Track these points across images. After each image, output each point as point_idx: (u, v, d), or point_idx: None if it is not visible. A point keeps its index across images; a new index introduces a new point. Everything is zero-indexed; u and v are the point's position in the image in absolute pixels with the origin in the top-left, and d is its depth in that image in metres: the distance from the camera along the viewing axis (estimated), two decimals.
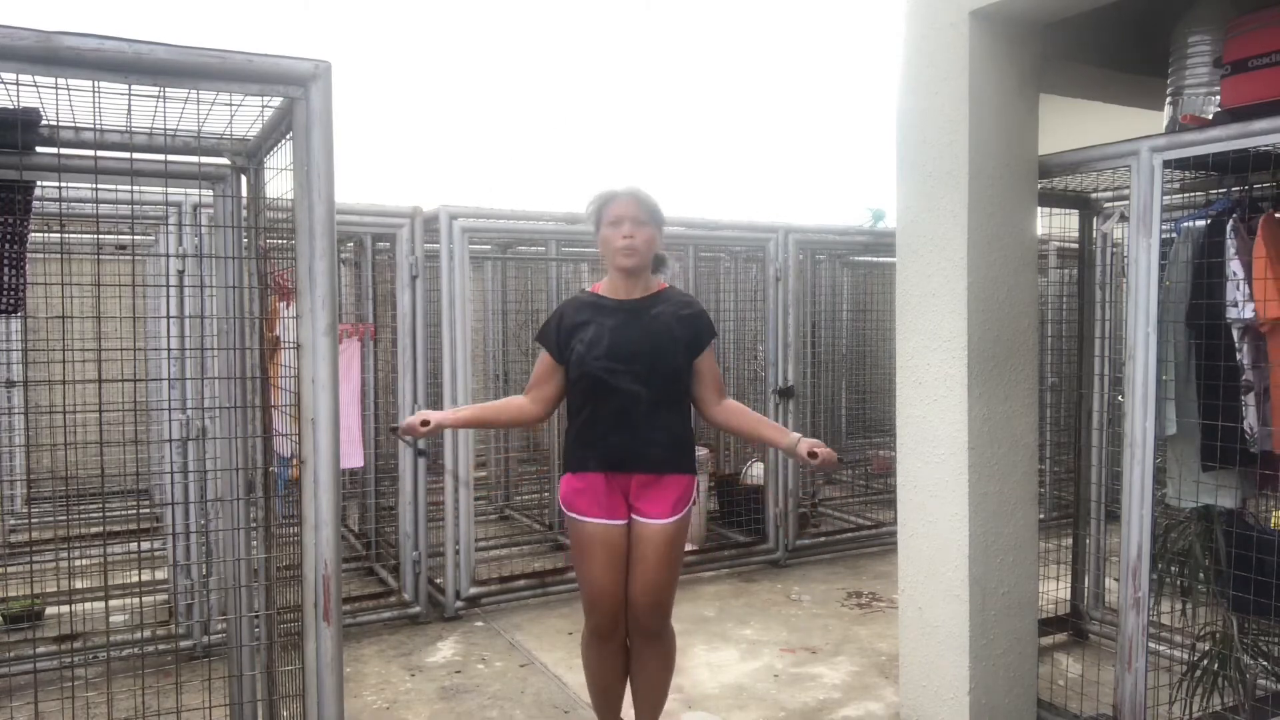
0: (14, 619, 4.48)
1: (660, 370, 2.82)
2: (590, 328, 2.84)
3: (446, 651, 4.45)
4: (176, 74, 1.94)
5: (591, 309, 2.89)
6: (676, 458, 2.87)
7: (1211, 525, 3.17)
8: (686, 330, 2.87)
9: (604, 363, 2.79)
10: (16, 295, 2.55)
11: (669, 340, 2.84)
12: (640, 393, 2.80)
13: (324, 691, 2.14)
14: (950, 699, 3.26)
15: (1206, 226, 3.04)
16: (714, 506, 6.50)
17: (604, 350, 2.79)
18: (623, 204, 2.81)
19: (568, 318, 2.90)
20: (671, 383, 2.86)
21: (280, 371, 2.52)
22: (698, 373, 2.91)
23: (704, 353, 2.91)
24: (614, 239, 2.81)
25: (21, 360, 5.91)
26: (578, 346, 2.83)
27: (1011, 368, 3.24)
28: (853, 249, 7.01)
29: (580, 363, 2.83)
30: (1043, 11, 3.11)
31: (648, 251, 2.84)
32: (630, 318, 2.85)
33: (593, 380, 2.81)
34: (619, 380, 2.79)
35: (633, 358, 2.80)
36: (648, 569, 2.85)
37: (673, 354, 2.84)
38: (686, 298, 2.99)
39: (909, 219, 3.36)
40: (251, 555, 2.78)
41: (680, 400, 2.92)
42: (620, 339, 2.81)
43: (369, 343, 5.26)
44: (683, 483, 2.88)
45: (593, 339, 2.82)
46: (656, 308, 2.89)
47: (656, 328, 2.84)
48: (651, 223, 2.83)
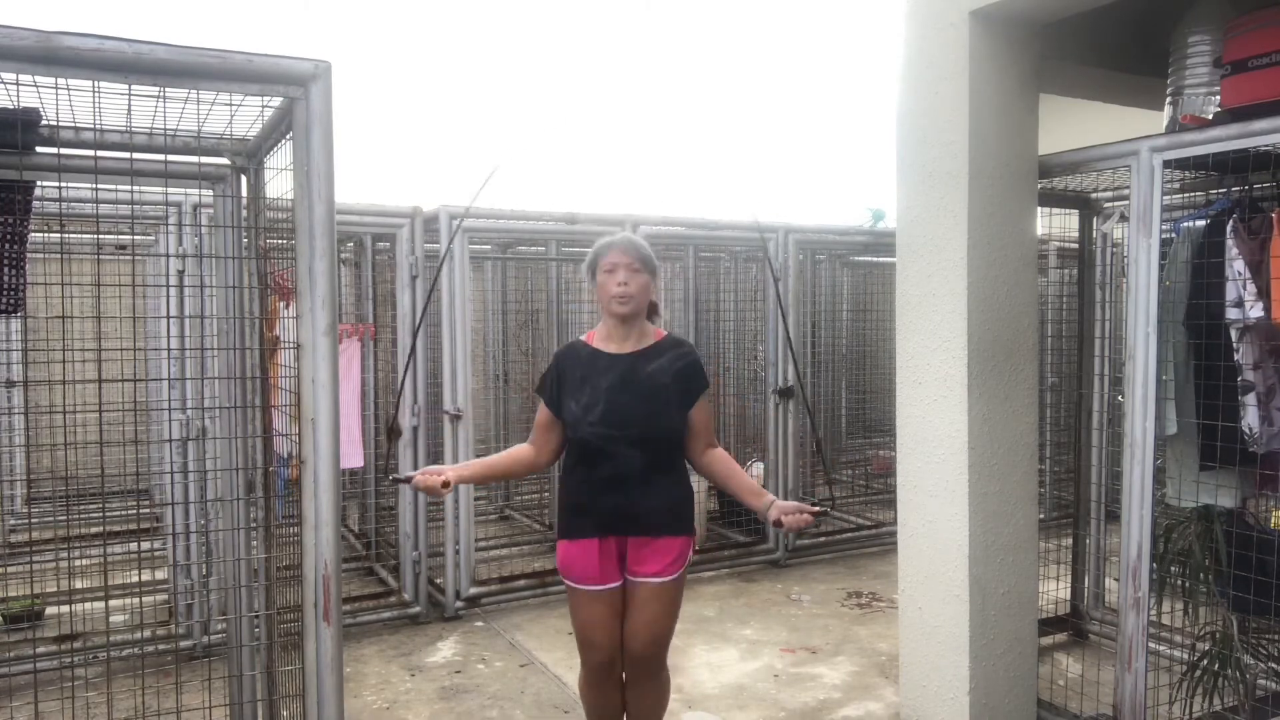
0: (14, 619, 4.48)
1: (655, 434, 2.80)
2: (585, 390, 2.81)
3: (446, 651, 4.45)
4: (176, 74, 1.94)
5: (586, 365, 2.85)
6: (672, 521, 2.85)
7: (1211, 525, 3.17)
8: (681, 383, 2.84)
9: (598, 429, 2.77)
10: (16, 295, 2.55)
11: (663, 402, 2.81)
12: (635, 456, 2.77)
13: (324, 691, 2.14)
14: (950, 699, 3.26)
15: (1206, 226, 3.04)
16: (714, 506, 6.50)
17: (598, 416, 2.77)
18: (617, 253, 2.82)
19: (565, 374, 2.87)
20: (666, 445, 2.84)
21: (280, 371, 2.51)
22: (689, 421, 2.88)
23: (697, 403, 2.90)
24: (609, 286, 2.80)
25: (21, 360, 5.91)
26: (572, 407, 2.81)
27: (1011, 368, 3.24)
28: (853, 249, 7.02)
29: (575, 426, 2.81)
30: (1043, 11, 3.11)
31: (642, 298, 2.84)
32: (625, 376, 2.81)
33: (585, 445, 2.80)
34: (613, 447, 2.77)
35: (627, 423, 2.77)
36: (643, 622, 2.83)
37: (668, 416, 2.82)
38: (682, 347, 2.93)
39: (909, 219, 3.36)
40: (251, 555, 2.78)
41: (676, 461, 2.90)
42: (614, 405, 2.77)
43: (369, 343, 5.26)
44: (679, 544, 2.86)
45: (588, 403, 2.79)
46: (652, 363, 2.85)
47: (652, 387, 2.80)
48: (645, 270, 2.83)
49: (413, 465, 4.80)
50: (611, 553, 2.83)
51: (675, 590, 2.87)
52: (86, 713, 3.35)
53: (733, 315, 6.83)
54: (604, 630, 2.85)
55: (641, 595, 2.83)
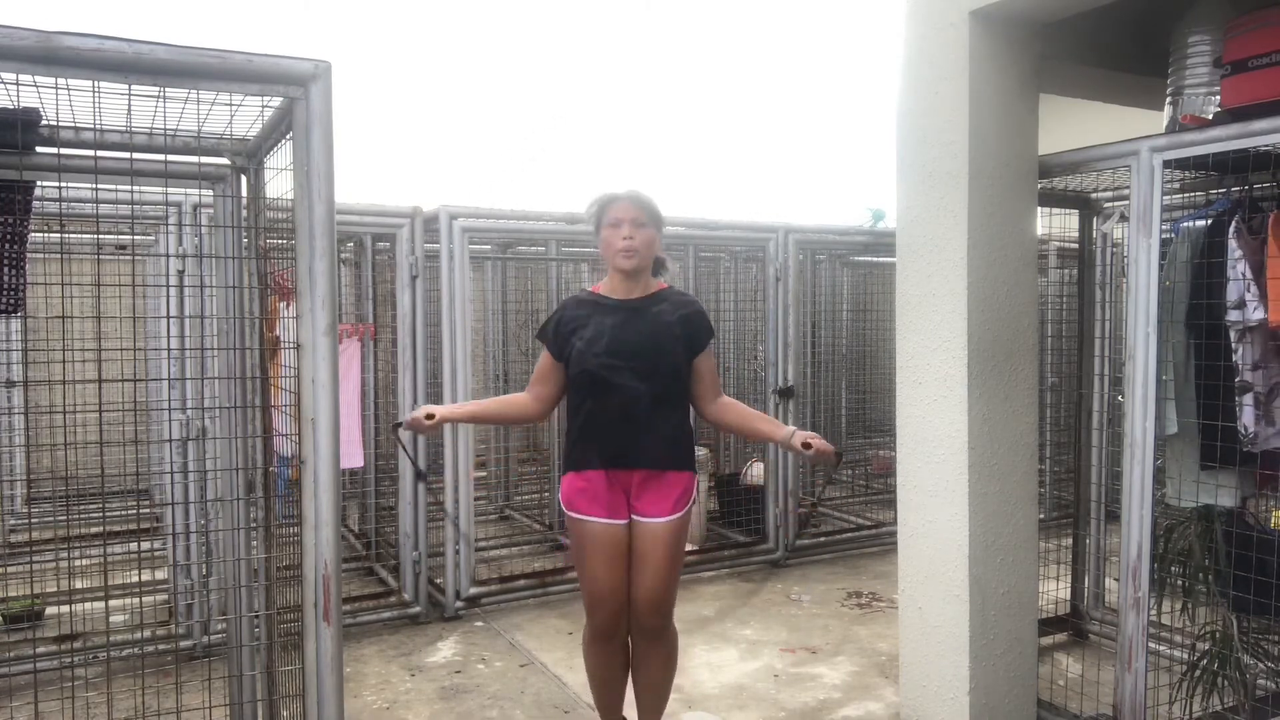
0: (14, 619, 4.48)
1: (660, 367, 2.83)
2: (590, 326, 2.85)
3: (446, 651, 4.45)
4: (176, 74, 1.94)
5: (591, 307, 2.91)
6: (677, 454, 2.89)
7: (1211, 525, 3.17)
8: (686, 329, 2.88)
9: (604, 359, 2.80)
10: (16, 295, 2.55)
11: (669, 338, 2.85)
12: (640, 389, 2.81)
13: (324, 691, 2.14)
14: (950, 699, 3.26)
15: (1207, 227, 3.04)
16: (714, 506, 6.50)
17: (604, 347, 2.81)
18: (622, 206, 2.83)
19: (567, 315, 2.91)
20: (672, 380, 2.87)
21: (280, 371, 2.51)
22: (696, 371, 2.92)
23: (703, 352, 2.92)
24: (614, 240, 2.83)
25: (21, 360, 5.90)
26: (577, 344, 2.84)
27: (1011, 368, 3.24)
28: (853, 249, 7.01)
29: (580, 360, 2.84)
30: (1043, 11, 3.11)
31: (647, 253, 2.85)
32: (630, 316, 2.87)
33: (592, 377, 2.83)
34: (619, 377, 2.80)
35: (633, 355, 2.81)
36: (649, 568, 2.85)
37: (673, 352, 2.85)
38: (686, 297, 3.01)
39: (909, 219, 3.36)
40: (251, 555, 2.78)
41: (680, 398, 2.93)
42: (620, 336, 2.82)
43: (369, 343, 5.26)
44: (683, 480, 2.89)
45: (592, 336, 2.83)
46: (657, 306, 2.91)
47: (657, 326, 2.86)
48: (651, 224, 2.85)
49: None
50: (618, 488, 2.85)
51: (681, 535, 2.90)
52: (86, 713, 3.35)
53: (733, 315, 6.83)
54: (611, 576, 2.85)
55: (647, 540, 2.84)
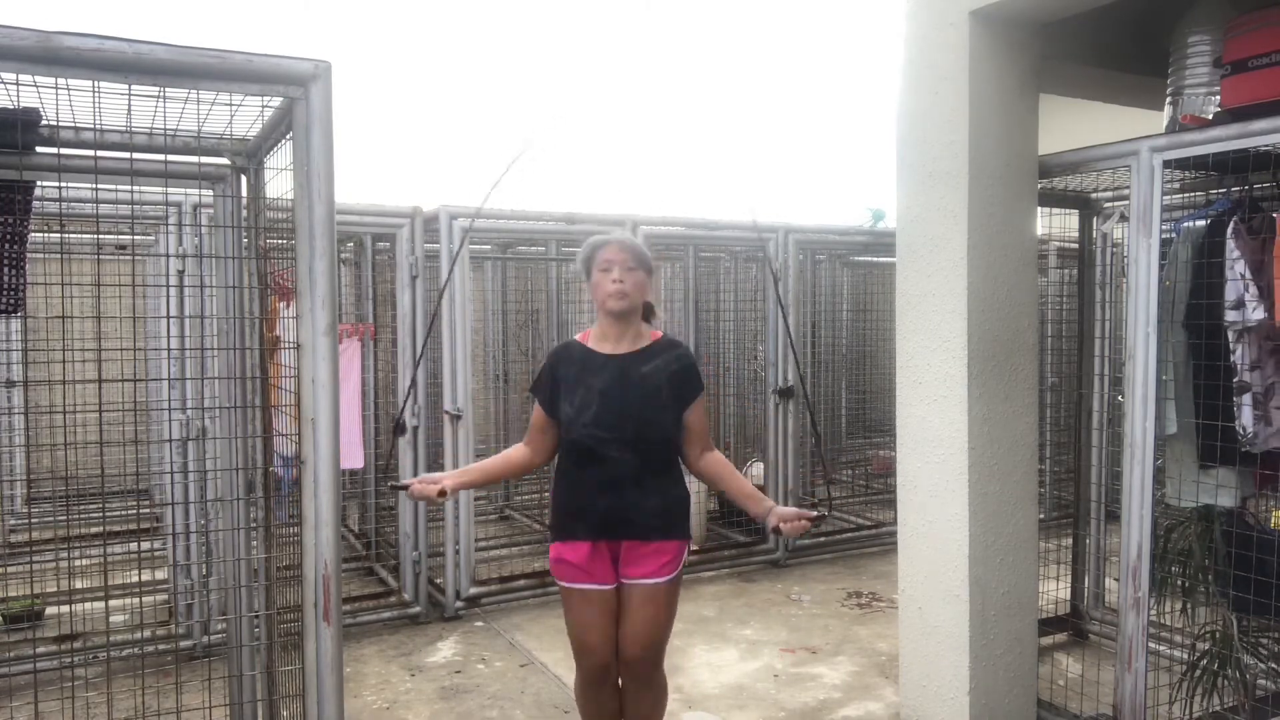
0: (14, 619, 4.48)
1: (649, 436, 2.77)
2: (578, 390, 2.79)
3: (446, 651, 4.45)
4: (176, 74, 1.94)
5: (580, 366, 2.83)
6: (667, 524, 2.82)
7: (1211, 525, 3.17)
8: (676, 386, 2.81)
9: (591, 430, 2.74)
10: (16, 295, 2.55)
11: (658, 404, 2.78)
12: (629, 460, 2.75)
13: (324, 691, 2.14)
14: (950, 699, 3.26)
15: (1207, 227, 3.04)
16: (714, 506, 6.50)
17: (591, 418, 2.74)
18: (612, 250, 2.81)
19: (559, 374, 2.84)
20: (661, 448, 2.82)
21: (280, 371, 2.51)
22: (685, 424, 2.86)
23: (693, 404, 2.87)
24: (604, 284, 2.79)
25: (21, 360, 5.91)
26: (566, 408, 2.79)
27: (1011, 368, 3.24)
28: (853, 249, 7.02)
29: (568, 428, 2.79)
30: (1043, 11, 3.11)
31: (637, 296, 2.81)
32: (619, 377, 2.78)
33: (579, 448, 2.78)
34: (606, 449, 2.74)
35: (620, 426, 2.74)
36: (637, 625, 2.80)
37: (661, 419, 2.79)
38: (678, 349, 2.91)
39: (909, 219, 3.36)
40: (251, 555, 2.78)
41: (671, 463, 2.87)
42: (608, 406, 2.75)
43: (369, 343, 5.26)
44: (673, 548, 2.83)
45: (581, 404, 2.77)
46: (647, 365, 2.82)
47: (647, 390, 2.78)
48: (640, 269, 2.81)
49: (413, 466, 4.80)
50: (604, 555, 2.80)
51: (670, 594, 2.83)
52: (86, 713, 3.35)
53: (733, 315, 6.83)
54: (598, 634, 2.81)
55: (635, 599, 2.79)
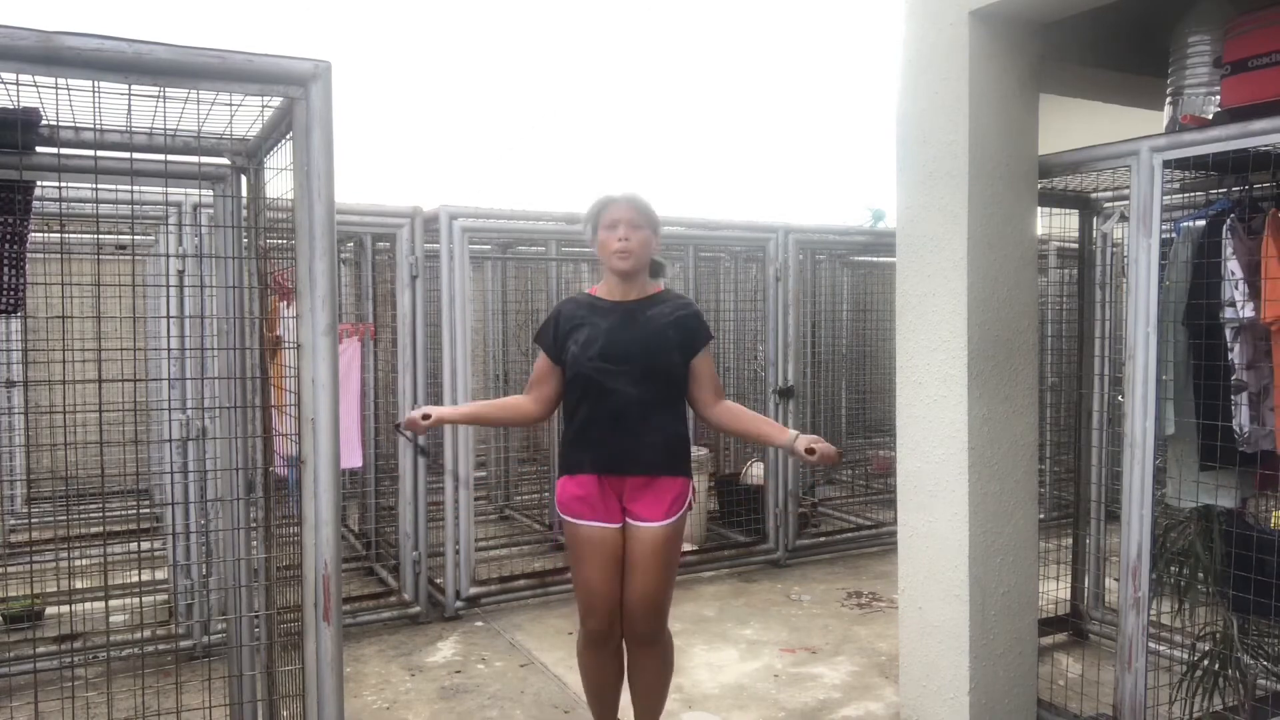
0: (14, 619, 4.48)
1: (655, 371, 2.83)
2: (585, 328, 2.85)
3: (446, 651, 4.45)
4: (176, 74, 1.94)
5: (587, 309, 2.91)
6: (671, 460, 2.87)
7: (1211, 525, 3.17)
8: (682, 331, 2.87)
9: (597, 364, 2.80)
10: (16, 295, 2.55)
11: (663, 341, 2.84)
12: (634, 394, 2.80)
13: (324, 691, 2.14)
14: (950, 699, 3.26)
15: (1206, 226, 3.04)
16: (714, 506, 6.50)
17: (598, 351, 2.80)
18: (618, 208, 2.84)
19: (564, 318, 2.91)
20: (666, 384, 2.86)
21: (280, 371, 2.51)
22: (694, 374, 2.91)
23: (700, 354, 2.91)
24: (610, 242, 2.84)
25: (21, 360, 5.90)
26: (572, 347, 2.85)
27: (1011, 368, 3.24)
28: (853, 249, 7.02)
29: (575, 363, 2.84)
30: (1043, 11, 3.11)
31: (643, 254, 2.85)
32: (625, 318, 2.86)
33: (587, 381, 2.82)
34: (613, 381, 2.80)
35: (627, 359, 2.81)
36: (643, 573, 2.84)
37: (667, 355, 2.85)
38: (683, 299, 3.00)
39: (909, 219, 3.36)
40: (251, 555, 2.78)
41: (676, 402, 2.92)
42: (614, 340, 2.82)
43: (369, 343, 5.26)
44: (678, 485, 2.88)
45: (587, 340, 2.83)
46: (652, 309, 2.90)
47: (651, 329, 2.85)
48: (647, 226, 2.85)
49: (413, 465, 4.80)
50: (610, 494, 2.85)
51: (674, 541, 2.88)
52: (86, 713, 3.35)
53: (733, 315, 6.83)
54: (605, 582, 2.85)
55: (640, 544, 2.83)
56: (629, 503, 2.86)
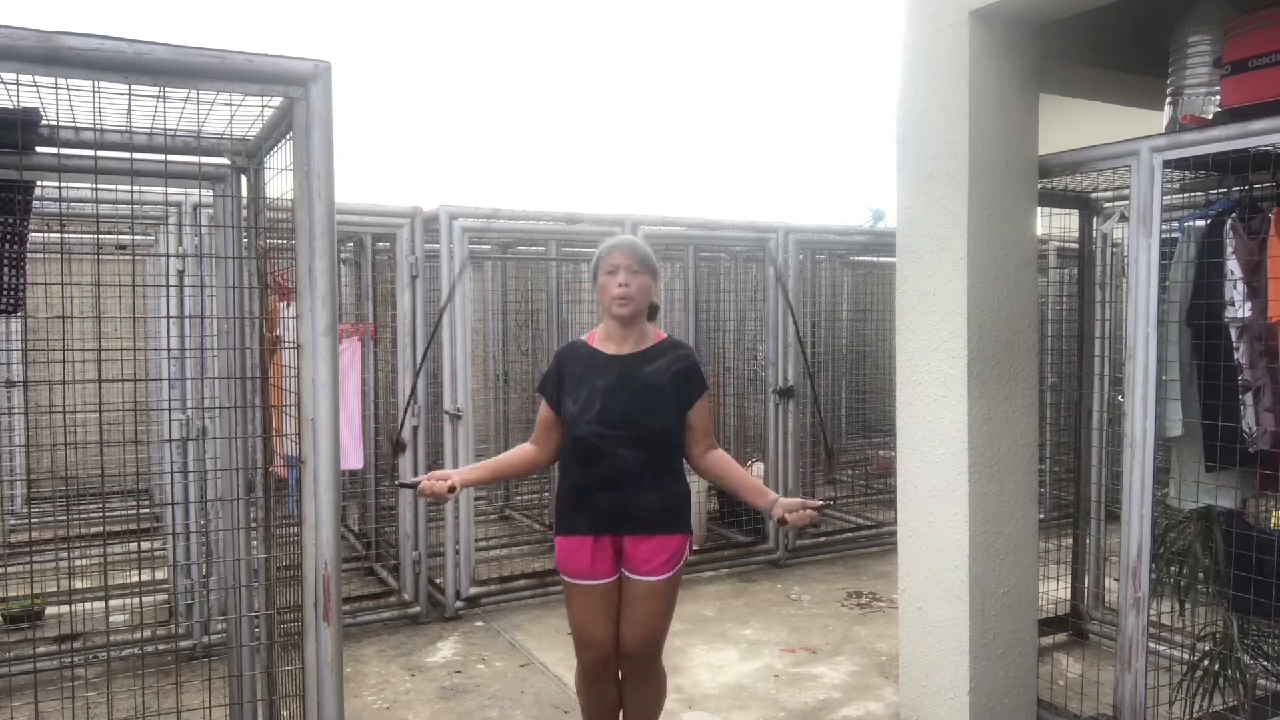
0: (14, 619, 4.48)
1: (652, 434, 2.82)
2: (583, 388, 2.84)
3: (446, 651, 4.45)
4: (176, 74, 1.94)
5: (585, 365, 2.88)
6: (668, 520, 2.86)
7: (1210, 526, 3.17)
8: (679, 385, 2.86)
9: (595, 428, 2.79)
10: (16, 295, 2.55)
11: (661, 402, 2.83)
12: (631, 457, 2.79)
13: (324, 691, 2.14)
14: (950, 699, 3.26)
15: (1207, 226, 3.04)
16: (714, 506, 6.50)
17: (595, 415, 2.79)
18: (618, 255, 2.85)
19: (565, 373, 2.90)
20: (663, 446, 2.86)
21: (280, 371, 2.51)
22: (688, 423, 2.90)
23: (696, 404, 2.91)
24: (610, 287, 2.84)
25: (21, 360, 5.90)
26: (570, 406, 2.84)
27: (1011, 368, 3.24)
28: (853, 249, 7.01)
29: (572, 424, 2.83)
30: (1043, 11, 3.11)
31: (642, 299, 2.87)
32: (623, 377, 2.84)
33: (583, 445, 2.82)
34: (609, 445, 2.79)
35: (624, 423, 2.79)
36: (639, 616, 2.85)
37: (665, 416, 2.83)
38: (681, 349, 2.96)
39: (909, 219, 3.36)
40: (251, 555, 2.78)
41: (673, 461, 2.91)
42: (612, 403, 2.80)
43: (369, 343, 5.26)
44: (675, 542, 2.87)
45: (585, 402, 2.82)
46: (651, 364, 2.87)
47: (650, 388, 2.83)
48: (645, 272, 2.86)
49: (413, 466, 4.80)
50: (607, 549, 2.85)
51: (670, 590, 2.88)
52: (86, 713, 3.35)
53: (733, 315, 6.83)
54: (599, 627, 2.86)
55: (636, 593, 2.84)
56: (626, 558, 2.86)
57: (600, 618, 2.86)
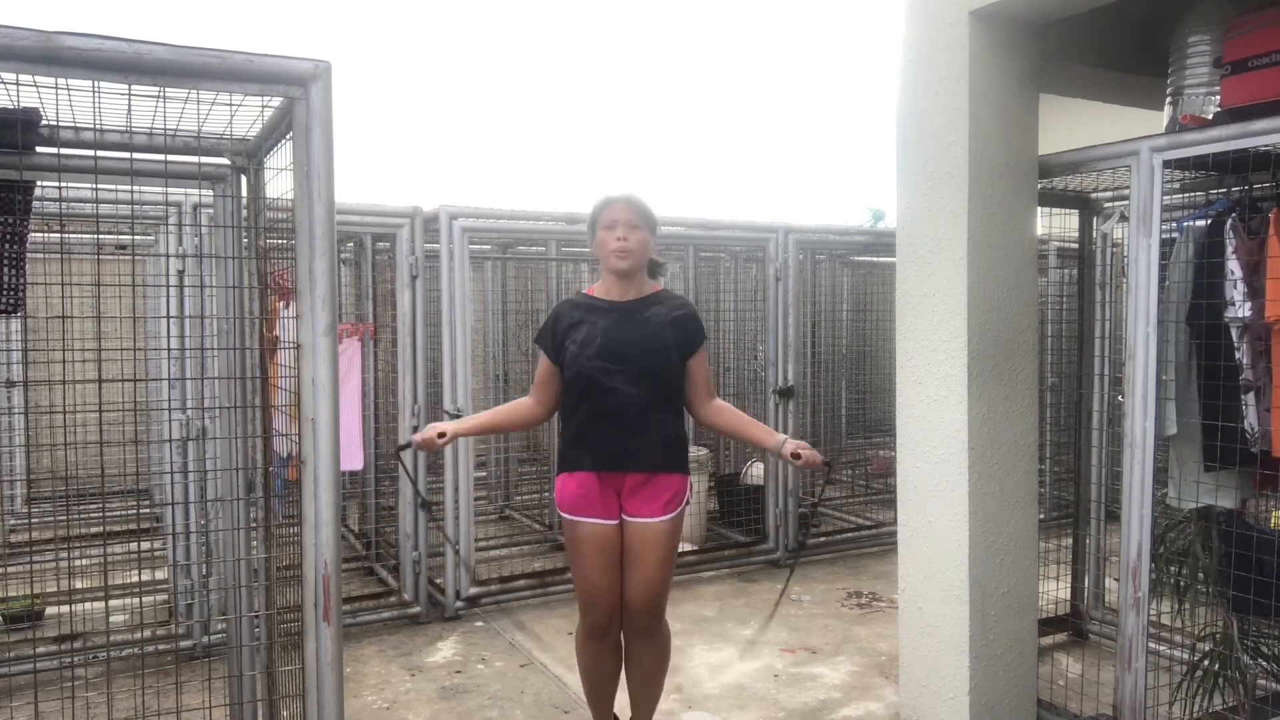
0: (14, 619, 4.48)
1: (653, 370, 2.85)
2: (583, 328, 2.88)
3: (446, 651, 4.45)
4: (176, 74, 1.94)
5: (585, 309, 2.93)
6: (669, 458, 2.90)
7: (1210, 526, 3.17)
8: (679, 332, 2.91)
9: (596, 363, 2.82)
10: (16, 295, 2.55)
11: (661, 341, 2.87)
12: (633, 393, 2.83)
13: (324, 691, 2.14)
14: (950, 699, 3.26)
15: (1207, 226, 3.04)
16: (714, 506, 6.49)
17: (596, 350, 2.83)
18: (617, 208, 2.86)
19: (562, 319, 2.94)
20: (664, 383, 2.89)
21: (280, 371, 2.51)
22: (689, 373, 2.95)
23: (696, 354, 2.94)
24: (608, 241, 2.86)
25: (21, 360, 5.90)
26: (570, 347, 2.87)
27: (1011, 368, 3.24)
28: (853, 249, 7.01)
29: (573, 363, 2.86)
30: (1043, 12, 3.11)
31: (641, 254, 2.88)
32: (623, 318, 2.89)
33: (586, 380, 2.85)
34: (612, 380, 2.82)
35: (625, 358, 2.83)
36: (641, 567, 2.88)
37: (665, 354, 2.87)
38: (680, 299, 3.03)
39: (909, 219, 3.36)
40: (251, 555, 2.78)
41: (673, 400, 2.95)
42: (613, 339, 2.84)
43: (369, 343, 5.26)
44: (675, 482, 2.91)
45: (585, 339, 2.85)
46: (650, 309, 2.93)
47: (649, 328, 2.88)
48: (645, 227, 2.88)
49: (413, 466, 4.80)
50: (609, 490, 2.89)
51: (670, 537, 2.91)
52: (86, 713, 3.35)
53: (733, 315, 6.83)
54: (603, 578, 2.88)
55: (638, 539, 2.87)
56: (627, 499, 2.89)
57: (605, 570, 2.88)
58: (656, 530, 2.86)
